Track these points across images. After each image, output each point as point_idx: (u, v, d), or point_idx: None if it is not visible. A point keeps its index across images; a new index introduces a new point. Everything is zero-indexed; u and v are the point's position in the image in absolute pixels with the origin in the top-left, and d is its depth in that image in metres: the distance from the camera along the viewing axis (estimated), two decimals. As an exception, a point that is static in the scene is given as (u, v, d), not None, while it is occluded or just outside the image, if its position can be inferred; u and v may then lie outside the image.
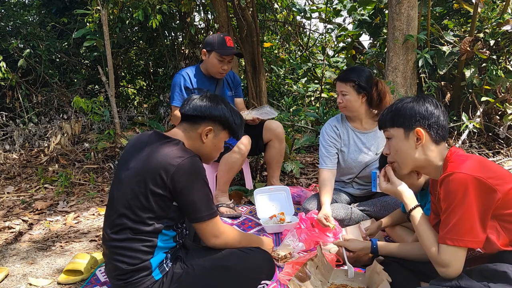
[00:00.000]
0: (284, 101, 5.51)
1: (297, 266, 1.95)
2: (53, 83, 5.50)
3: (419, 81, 4.32)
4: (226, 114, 1.76)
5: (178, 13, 5.38)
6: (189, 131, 1.75)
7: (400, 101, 1.64)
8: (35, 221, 3.08)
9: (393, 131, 1.63)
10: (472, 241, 1.42)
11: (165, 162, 1.58)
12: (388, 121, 1.65)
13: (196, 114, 1.73)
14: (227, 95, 3.21)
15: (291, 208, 2.79)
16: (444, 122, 1.58)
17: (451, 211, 1.43)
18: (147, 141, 1.70)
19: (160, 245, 1.64)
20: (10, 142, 4.78)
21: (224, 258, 1.73)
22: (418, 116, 1.57)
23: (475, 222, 1.41)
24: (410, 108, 1.59)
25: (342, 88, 2.53)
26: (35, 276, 2.22)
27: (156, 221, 1.61)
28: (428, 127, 1.57)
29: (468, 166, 1.47)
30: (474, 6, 3.99)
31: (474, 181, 1.41)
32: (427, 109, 1.57)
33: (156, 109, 5.76)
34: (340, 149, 2.64)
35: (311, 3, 6.91)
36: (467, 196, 1.40)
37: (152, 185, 1.58)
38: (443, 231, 1.46)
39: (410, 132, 1.58)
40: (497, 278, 1.41)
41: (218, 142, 1.80)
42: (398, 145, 1.62)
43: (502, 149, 4.14)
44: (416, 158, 1.60)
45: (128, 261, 1.60)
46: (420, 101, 1.60)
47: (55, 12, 5.94)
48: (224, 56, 2.98)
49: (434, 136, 1.57)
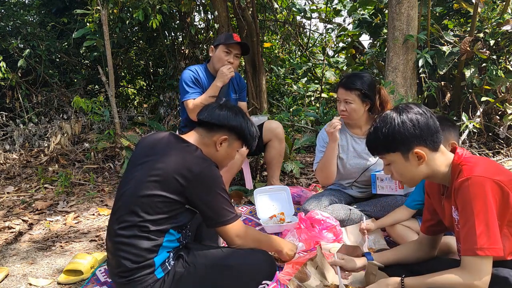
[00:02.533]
0: (284, 101, 5.51)
1: (297, 266, 1.95)
2: (53, 83, 5.50)
3: (419, 81, 4.33)
4: (242, 125, 1.79)
5: (178, 13, 5.38)
6: (204, 137, 1.78)
7: (383, 124, 1.50)
8: (35, 221, 3.08)
9: (390, 157, 1.53)
10: (500, 248, 1.35)
11: (184, 167, 1.61)
12: (380, 149, 1.55)
13: (213, 122, 1.76)
14: (231, 97, 3.20)
15: (291, 208, 2.79)
16: (434, 126, 1.48)
17: (475, 218, 1.35)
18: (165, 142, 1.72)
19: (165, 245, 1.65)
20: (10, 142, 4.78)
21: (226, 258, 1.74)
22: (410, 137, 1.46)
23: (497, 228, 1.35)
24: (399, 132, 1.46)
25: (346, 96, 2.42)
26: (35, 276, 2.22)
27: (165, 221, 1.62)
28: (424, 143, 1.47)
29: (483, 168, 1.40)
30: (474, 6, 3.99)
31: (494, 185, 1.36)
32: (415, 125, 1.46)
33: (156, 109, 5.76)
34: (339, 156, 2.58)
35: (311, 3, 6.91)
36: (488, 200, 1.34)
37: (168, 187, 1.60)
38: (470, 241, 1.36)
39: (408, 154, 1.48)
40: (497, 284, 1.38)
41: (231, 151, 1.84)
42: (400, 169, 1.53)
43: (502, 149, 4.14)
44: (423, 174, 1.52)
45: (133, 259, 1.61)
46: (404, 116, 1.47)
47: (55, 12, 5.94)
48: (230, 48, 2.97)
49: (432, 146, 1.49)
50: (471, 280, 1.35)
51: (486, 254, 1.34)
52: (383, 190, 2.48)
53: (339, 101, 2.47)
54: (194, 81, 3.00)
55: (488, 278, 1.35)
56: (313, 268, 1.85)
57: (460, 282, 1.37)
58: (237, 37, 3.02)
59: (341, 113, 2.48)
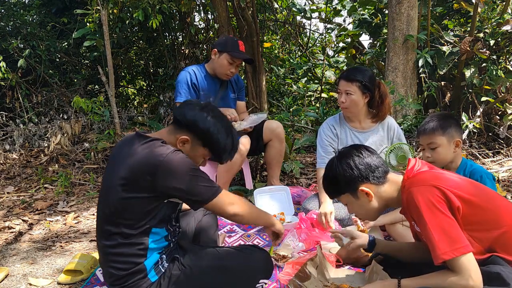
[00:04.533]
0: (284, 101, 5.52)
1: (297, 266, 1.95)
2: (53, 83, 5.50)
3: (419, 81, 4.33)
4: (211, 131, 1.63)
5: (178, 13, 5.38)
6: (170, 134, 1.67)
7: (328, 171, 1.63)
8: (35, 221, 3.08)
9: (343, 199, 1.64)
10: (465, 246, 1.39)
11: (148, 163, 1.53)
12: (332, 193, 1.67)
13: (180, 119, 1.67)
14: (230, 97, 3.20)
15: (291, 208, 2.79)
16: (374, 163, 1.57)
17: (429, 226, 1.40)
18: (128, 143, 1.64)
19: (152, 247, 1.62)
20: (10, 142, 4.77)
21: (222, 258, 1.74)
22: (352, 179, 1.56)
23: (454, 227, 1.40)
24: (342, 175, 1.57)
25: (347, 87, 2.46)
26: (35, 276, 2.22)
27: (143, 222, 1.58)
28: (367, 180, 1.56)
29: (423, 178, 1.48)
30: (474, 6, 4.00)
31: (434, 189, 1.42)
32: (353, 167, 1.56)
33: (156, 109, 5.76)
34: (338, 149, 2.60)
35: (311, 3, 6.91)
36: (434, 205, 1.40)
37: (137, 187, 1.54)
38: (434, 250, 1.40)
39: (356, 193, 1.58)
40: (491, 280, 1.39)
41: (193, 156, 1.67)
42: (355, 208, 1.64)
43: (502, 149, 4.14)
44: (377, 207, 1.60)
45: (122, 267, 1.59)
46: (342, 161, 1.58)
47: (55, 12, 5.94)
48: (235, 60, 2.98)
49: (376, 181, 1.57)
50: (464, 280, 1.37)
51: (450, 257, 1.37)
52: None
53: (340, 93, 2.51)
54: (189, 84, 3.01)
55: (478, 272, 1.38)
56: (313, 268, 1.85)
57: (456, 283, 1.39)
58: (242, 46, 3.02)
59: (341, 104, 2.52)
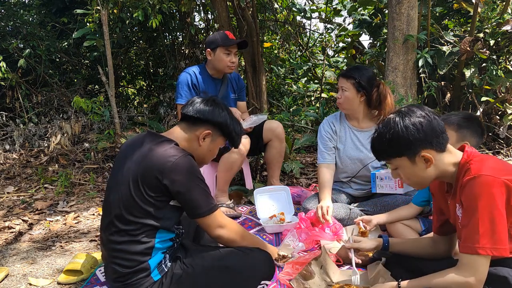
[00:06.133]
0: (284, 101, 5.51)
1: (297, 266, 1.95)
2: (53, 83, 5.50)
3: (419, 81, 4.32)
4: (227, 121, 1.78)
5: (178, 13, 5.38)
6: (186, 132, 1.75)
7: (386, 129, 1.47)
8: (35, 221, 3.08)
9: (396, 162, 1.50)
10: (505, 249, 1.33)
11: (158, 162, 1.59)
12: (385, 154, 1.53)
13: (198, 116, 1.74)
14: (230, 97, 3.21)
15: (291, 208, 2.79)
16: (439, 128, 1.45)
17: (479, 216, 1.33)
18: (141, 142, 1.70)
19: (157, 246, 1.64)
20: (10, 142, 4.77)
21: (224, 258, 1.74)
22: (415, 142, 1.43)
23: (505, 227, 1.33)
24: (403, 137, 1.43)
25: (342, 83, 2.54)
26: (35, 276, 2.22)
27: (152, 222, 1.61)
28: (430, 146, 1.44)
29: (491, 167, 1.38)
30: (474, 6, 3.99)
31: (502, 185, 1.34)
32: (419, 129, 1.43)
33: (156, 109, 5.76)
34: (336, 146, 2.65)
35: (311, 3, 6.91)
36: (495, 200, 1.33)
37: (147, 187, 1.58)
38: (472, 239, 1.34)
39: (415, 157, 1.46)
40: (497, 283, 1.37)
41: (213, 147, 1.82)
42: (408, 173, 1.51)
43: (502, 149, 4.14)
44: (432, 176, 1.49)
45: (126, 264, 1.61)
46: (407, 120, 1.44)
47: (55, 12, 5.93)
48: (230, 48, 2.99)
49: (439, 148, 1.46)
50: (466, 277, 1.35)
51: (487, 254, 1.32)
52: (383, 189, 2.50)
53: (338, 89, 2.60)
54: (190, 86, 3.02)
55: (484, 278, 1.35)
56: (318, 268, 1.85)
57: (455, 281, 1.37)
58: (232, 34, 3.05)
59: (337, 100, 2.60)
